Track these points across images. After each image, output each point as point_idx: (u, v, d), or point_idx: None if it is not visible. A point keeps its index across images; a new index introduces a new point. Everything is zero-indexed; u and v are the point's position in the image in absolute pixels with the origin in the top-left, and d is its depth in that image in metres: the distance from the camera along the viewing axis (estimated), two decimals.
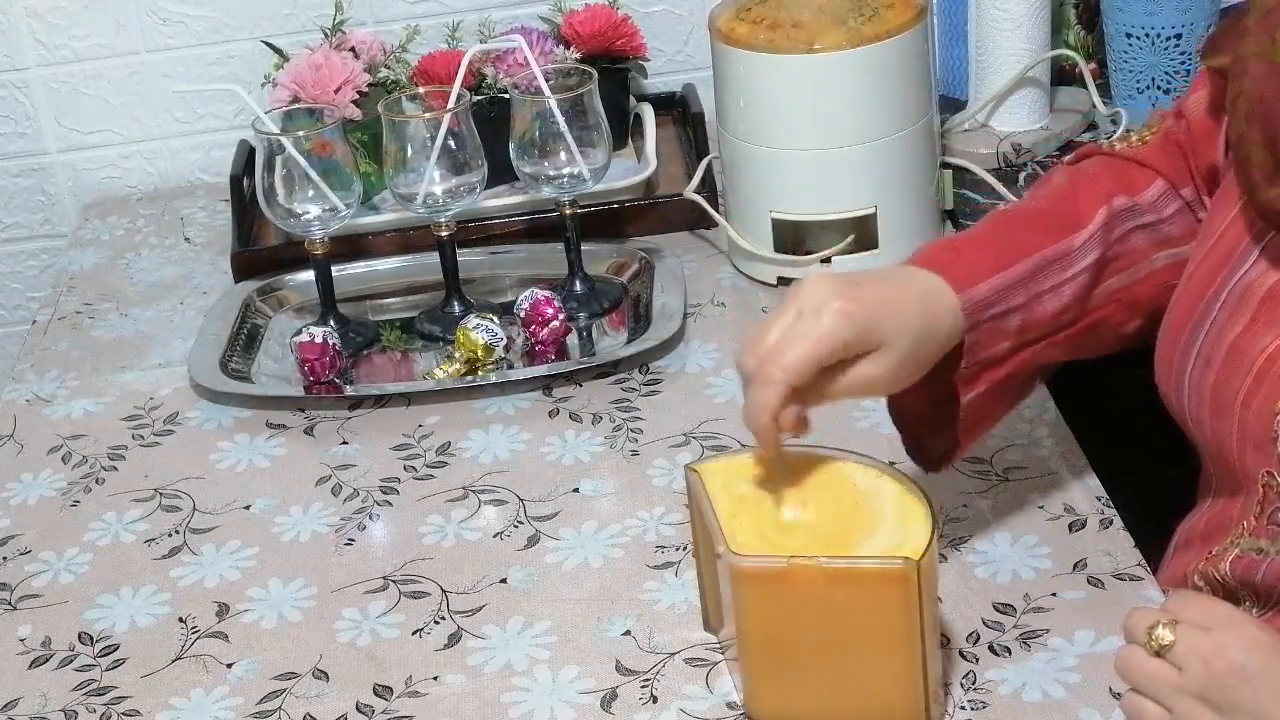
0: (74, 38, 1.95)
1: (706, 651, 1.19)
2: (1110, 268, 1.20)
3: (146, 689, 1.22)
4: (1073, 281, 1.18)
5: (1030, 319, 1.17)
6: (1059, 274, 1.17)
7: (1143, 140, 1.27)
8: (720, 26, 1.58)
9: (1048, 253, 1.18)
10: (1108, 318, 1.21)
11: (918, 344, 1.11)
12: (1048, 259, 1.17)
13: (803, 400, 1.09)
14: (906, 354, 1.10)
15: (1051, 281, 1.17)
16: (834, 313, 1.08)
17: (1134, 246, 1.21)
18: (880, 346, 1.09)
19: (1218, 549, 1.14)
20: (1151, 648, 0.95)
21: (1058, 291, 1.17)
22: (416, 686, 1.19)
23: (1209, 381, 1.11)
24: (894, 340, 1.09)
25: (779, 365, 1.07)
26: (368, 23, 1.95)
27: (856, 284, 1.10)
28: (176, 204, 1.98)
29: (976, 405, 1.18)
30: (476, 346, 1.53)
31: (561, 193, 1.59)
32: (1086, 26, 1.90)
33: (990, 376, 1.17)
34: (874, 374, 1.10)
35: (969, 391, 1.16)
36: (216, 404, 1.55)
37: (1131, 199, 1.22)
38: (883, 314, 1.09)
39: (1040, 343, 1.18)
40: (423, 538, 1.35)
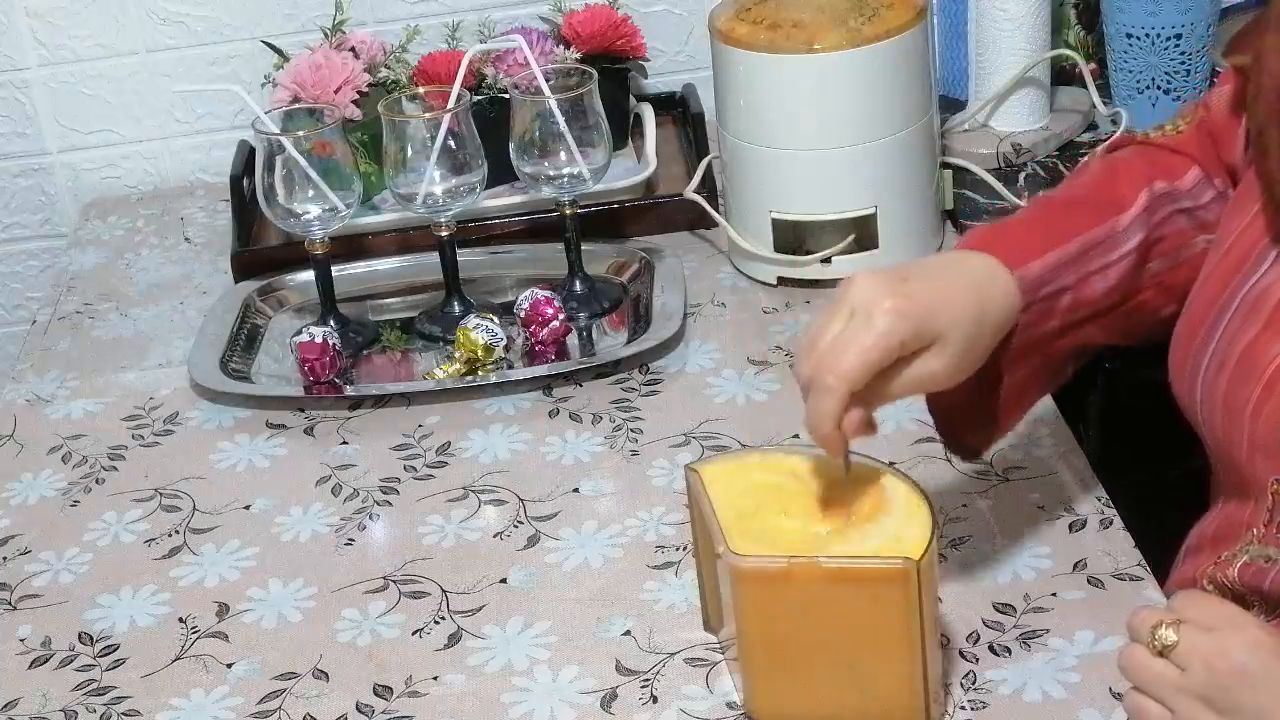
0: (74, 38, 1.95)
1: (706, 651, 1.19)
2: (1154, 250, 1.19)
3: (146, 689, 1.22)
4: (1119, 263, 1.17)
5: (1080, 299, 1.15)
6: (1106, 254, 1.16)
7: (1176, 130, 1.25)
8: (720, 26, 1.58)
9: (1096, 233, 1.16)
10: (1148, 301, 1.20)
11: (973, 332, 1.09)
12: (1095, 239, 1.16)
13: (864, 403, 1.07)
14: (964, 344, 1.08)
15: (1100, 262, 1.16)
16: (886, 312, 1.05)
17: (1178, 229, 1.20)
18: (936, 341, 1.07)
19: (1227, 554, 1.14)
20: (1155, 647, 0.95)
21: (1105, 273, 1.16)
22: (416, 686, 1.19)
23: (1220, 387, 1.10)
24: (950, 332, 1.07)
25: (835, 372, 1.05)
26: (368, 23, 1.95)
27: (905, 279, 1.08)
28: (176, 204, 1.98)
29: (1017, 387, 1.16)
30: (476, 346, 1.53)
31: (561, 193, 1.59)
32: (1086, 26, 1.90)
33: (1034, 358, 1.15)
34: (934, 369, 1.08)
35: (1014, 372, 1.14)
36: (216, 404, 1.55)
37: (1170, 184, 1.21)
38: (936, 308, 1.07)
39: (1087, 324, 1.17)
40: (423, 538, 1.35)
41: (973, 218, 1.69)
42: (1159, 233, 1.19)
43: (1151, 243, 1.18)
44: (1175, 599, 0.99)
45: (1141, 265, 1.18)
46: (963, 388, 1.15)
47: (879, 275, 1.09)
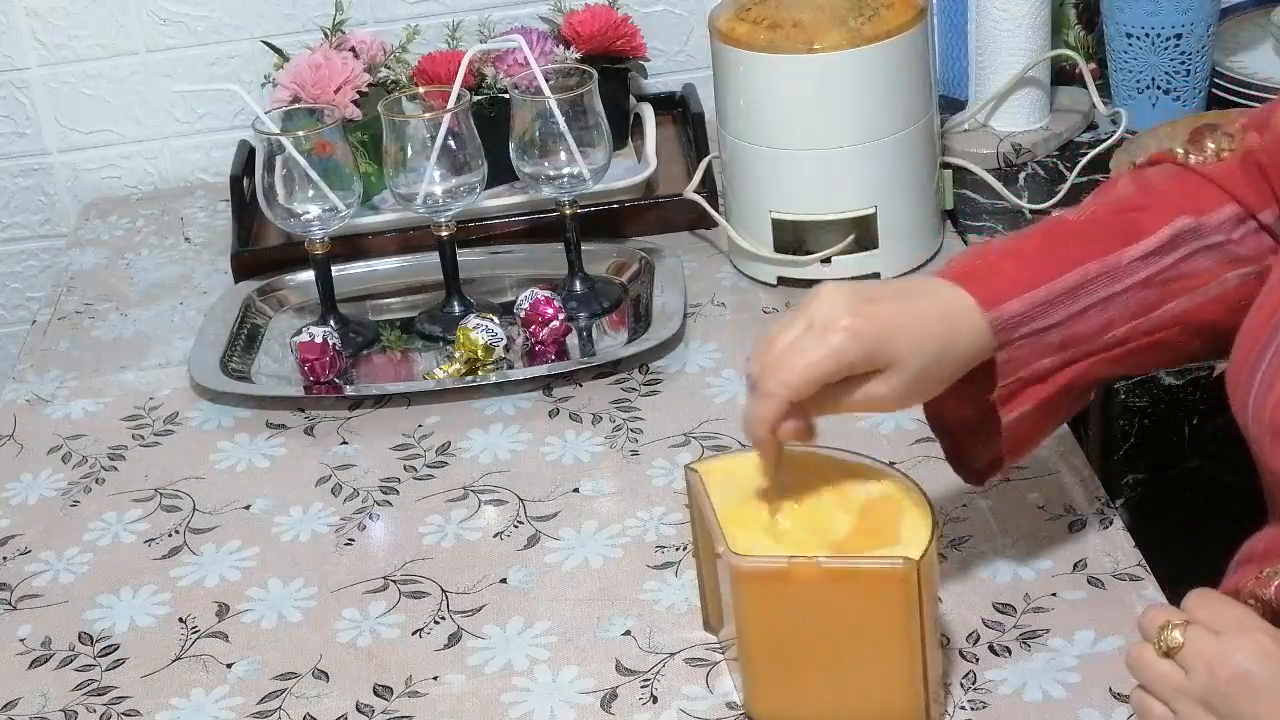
0: (74, 38, 1.95)
1: (706, 651, 1.19)
2: (1172, 288, 1.15)
3: (146, 689, 1.22)
4: (1121, 297, 1.14)
5: (1073, 335, 1.13)
6: (1105, 288, 1.13)
7: (1219, 156, 1.20)
8: (720, 26, 1.58)
9: (1092, 266, 1.13)
10: (1170, 339, 1.16)
11: (931, 364, 1.09)
12: (1093, 273, 1.13)
13: (807, 412, 1.08)
14: (917, 374, 1.08)
15: (1097, 295, 1.13)
16: (842, 330, 1.06)
17: (1201, 267, 1.15)
18: (889, 366, 1.07)
19: (1268, 571, 1.13)
20: (1161, 648, 0.95)
21: (1103, 305, 1.13)
22: (416, 686, 1.19)
23: (1268, 406, 1.08)
24: (905, 360, 1.07)
25: (780, 379, 1.06)
26: (368, 23, 1.95)
27: (871, 300, 1.08)
28: (176, 204, 1.98)
29: (1025, 422, 1.14)
30: (476, 346, 1.53)
31: (561, 193, 1.59)
32: (1086, 26, 1.90)
33: (1036, 394, 1.13)
34: (880, 393, 1.08)
35: (1012, 410, 1.13)
36: (216, 404, 1.55)
37: (1197, 219, 1.16)
38: (894, 334, 1.07)
39: (1088, 359, 1.14)
40: (423, 538, 1.35)
41: (973, 218, 1.69)
42: (1177, 270, 1.15)
43: (1166, 280, 1.15)
44: (1187, 599, 0.98)
45: (1159, 303, 1.15)
46: (966, 414, 1.16)
47: (846, 290, 1.09)
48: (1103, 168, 1.70)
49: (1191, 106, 1.81)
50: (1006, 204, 1.70)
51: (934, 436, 1.22)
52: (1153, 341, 1.15)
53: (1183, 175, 1.20)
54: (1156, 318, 1.15)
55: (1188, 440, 1.53)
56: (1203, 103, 1.81)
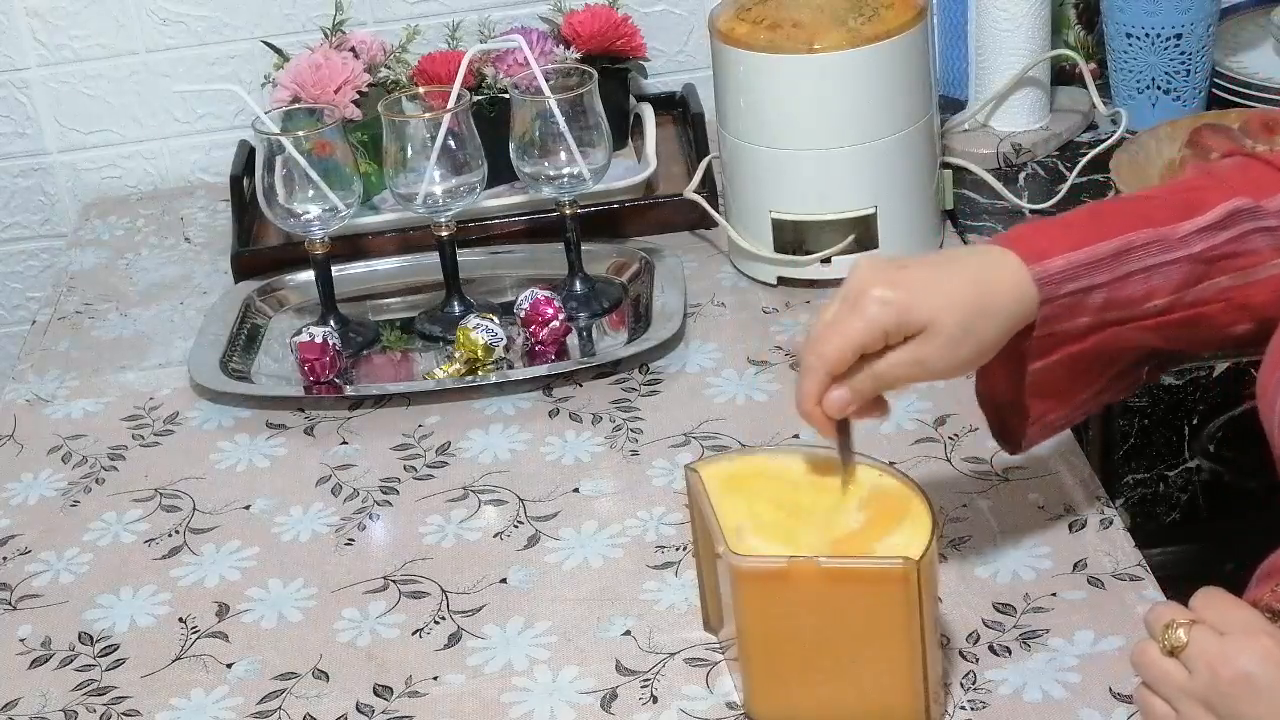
0: (74, 38, 1.95)
1: (706, 651, 1.19)
2: (1221, 265, 1.15)
3: (146, 689, 1.22)
4: (1168, 267, 1.13)
5: (1114, 298, 1.13)
6: (1152, 257, 1.13)
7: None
8: (720, 26, 1.58)
9: (1142, 234, 1.13)
10: (1214, 315, 1.16)
11: (971, 321, 1.09)
12: (1141, 240, 1.13)
13: (858, 387, 1.09)
14: (958, 332, 1.08)
15: (1143, 263, 1.13)
16: (872, 300, 1.07)
17: (1252, 247, 1.16)
18: (927, 328, 1.08)
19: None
20: (1166, 646, 0.95)
21: (1148, 274, 1.13)
22: (416, 686, 1.19)
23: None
24: (940, 320, 1.08)
25: (816, 352, 1.08)
26: (368, 23, 1.95)
27: (902, 266, 1.10)
28: (176, 204, 1.98)
29: (1050, 378, 1.14)
30: (476, 346, 1.53)
31: (561, 193, 1.59)
32: (1086, 26, 1.90)
33: (1066, 350, 1.13)
34: (923, 356, 1.08)
35: (1039, 361, 1.13)
36: (216, 404, 1.55)
37: (1256, 201, 1.16)
38: (924, 296, 1.08)
39: (1126, 324, 1.14)
40: (423, 538, 1.35)
41: (973, 218, 1.69)
42: (1230, 248, 1.15)
43: (1218, 257, 1.15)
44: (1195, 598, 0.98)
45: (1202, 278, 1.14)
46: (1004, 381, 1.16)
47: (878, 261, 1.10)
48: (1103, 168, 1.70)
49: (1191, 106, 1.81)
50: (1006, 204, 1.70)
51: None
52: (1195, 315, 1.15)
53: (1248, 163, 1.21)
54: (1200, 290, 1.14)
55: (1188, 440, 1.53)
56: (1203, 103, 1.82)
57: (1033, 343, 1.12)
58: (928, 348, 1.08)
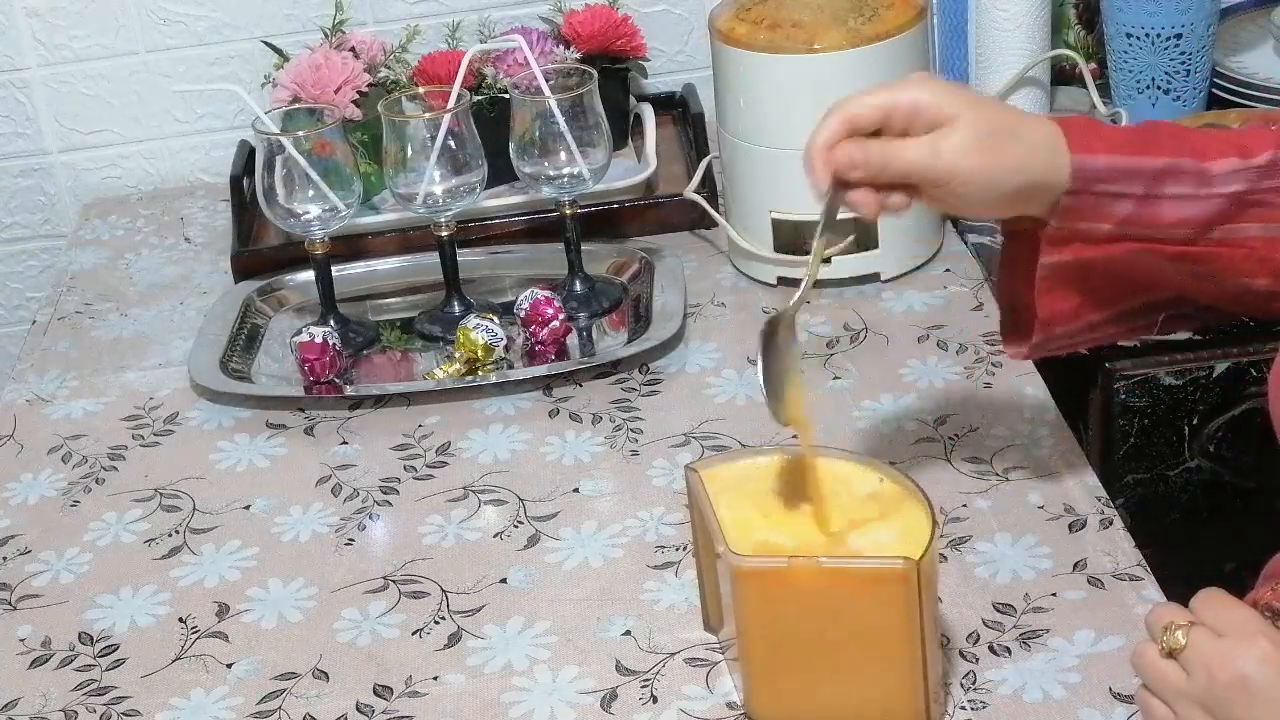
0: (74, 38, 1.95)
1: (706, 651, 1.19)
2: (1253, 211, 1.13)
3: (146, 689, 1.22)
4: (1202, 200, 1.12)
5: (1141, 214, 1.12)
6: (1191, 186, 1.12)
7: None
8: (720, 26, 1.58)
9: (1188, 162, 1.13)
10: (1235, 260, 1.14)
11: (999, 134, 1.09)
12: (1185, 168, 1.12)
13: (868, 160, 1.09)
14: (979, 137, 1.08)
15: (1179, 189, 1.12)
16: (910, 80, 1.10)
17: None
18: (952, 120, 1.08)
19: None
20: (1164, 648, 0.95)
21: (1181, 201, 1.12)
22: (416, 686, 1.19)
23: None
24: (967, 117, 1.08)
25: (843, 104, 1.09)
26: (368, 23, 1.95)
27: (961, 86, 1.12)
28: (176, 204, 1.98)
29: (1062, 277, 1.14)
30: (476, 346, 1.53)
31: (561, 193, 1.59)
32: (1086, 26, 1.90)
33: (1081, 250, 1.13)
34: (940, 145, 1.08)
35: (1053, 254, 1.13)
36: (216, 404, 1.55)
37: None
38: (961, 96, 1.09)
39: (1146, 242, 1.13)
40: (423, 538, 1.35)
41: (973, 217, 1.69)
42: (1265, 197, 1.13)
43: (1252, 201, 1.13)
44: (1195, 599, 0.98)
45: (1233, 219, 1.13)
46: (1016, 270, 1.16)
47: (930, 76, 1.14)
48: None
49: (1191, 106, 1.81)
50: None
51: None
52: (1216, 253, 1.14)
53: None
54: (1228, 230, 1.13)
55: (1188, 440, 1.53)
56: (1203, 103, 1.82)
57: (1048, 233, 1.12)
58: (947, 141, 1.08)
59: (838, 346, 1.53)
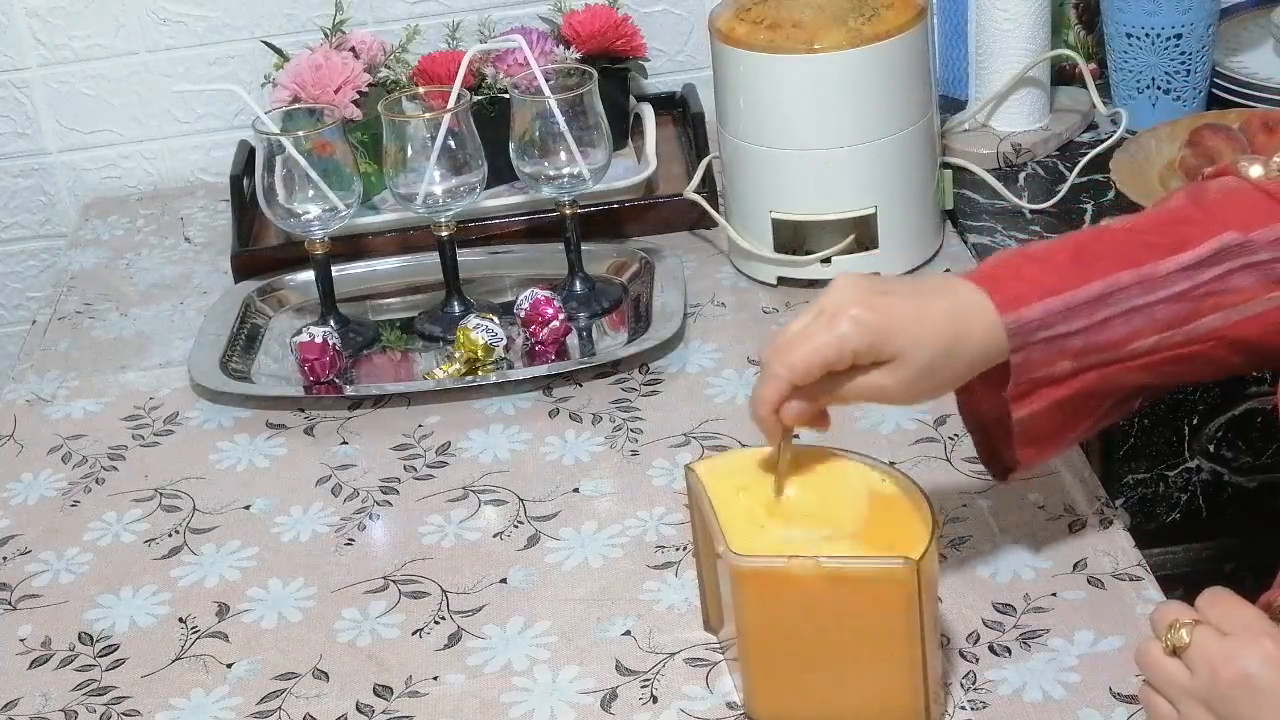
0: (74, 38, 1.95)
1: (706, 651, 1.19)
2: (1209, 303, 1.12)
3: (146, 689, 1.22)
4: (1152, 308, 1.12)
5: (1094, 342, 1.11)
6: (1134, 299, 1.12)
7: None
8: (720, 26, 1.58)
9: (1124, 276, 1.12)
10: (1205, 354, 1.13)
11: (939, 360, 1.08)
12: (1122, 284, 1.12)
13: (815, 399, 1.09)
14: (923, 370, 1.08)
15: (1125, 305, 1.11)
16: (849, 319, 1.07)
17: (1240, 285, 1.12)
18: (895, 359, 1.08)
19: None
20: (1168, 646, 0.95)
21: (1129, 316, 1.11)
22: (416, 686, 1.19)
23: None
24: (910, 354, 1.07)
25: (784, 361, 1.08)
26: (368, 23, 1.95)
27: (883, 292, 1.09)
28: (176, 204, 1.98)
29: (1039, 421, 1.14)
30: (476, 346, 1.53)
31: (561, 193, 1.59)
32: (1086, 26, 1.90)
33: (1049, 395, 1.12)
34: (885, 384, 1.08)
35: (1023, 408, 1.13)
36: (216, 404, 1.55)
37: (1246, 235, 1.13)
38: (902, 326, 1.08)
39: (1109, 366, 1.12)
40: (423, 538, 1.35)
41: (973, 218, 1.69)
42: (1216, 286, 1.12)
43: (1203, 295, 1.12)
44: (1200, 598, 0.98)
45: (1193, 317, 1.12)
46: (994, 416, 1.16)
47: (859, 281, 1.10)
48: (1103, 168, 1.70)
49: (1191, 106, 1.81)
50: (1006, 204, 1.70)
51: (964, 430, 1.22)
52: (1185, 354, 1.13)
53: (1241, 189, 1.17)
54: (1189, 330, 1.12)
55: (1188, 440, 1.53)
56: (1203, 103, 1.82)
57: (1011, 389, 1.11)
58: (891, 378, 1.08)
59: None
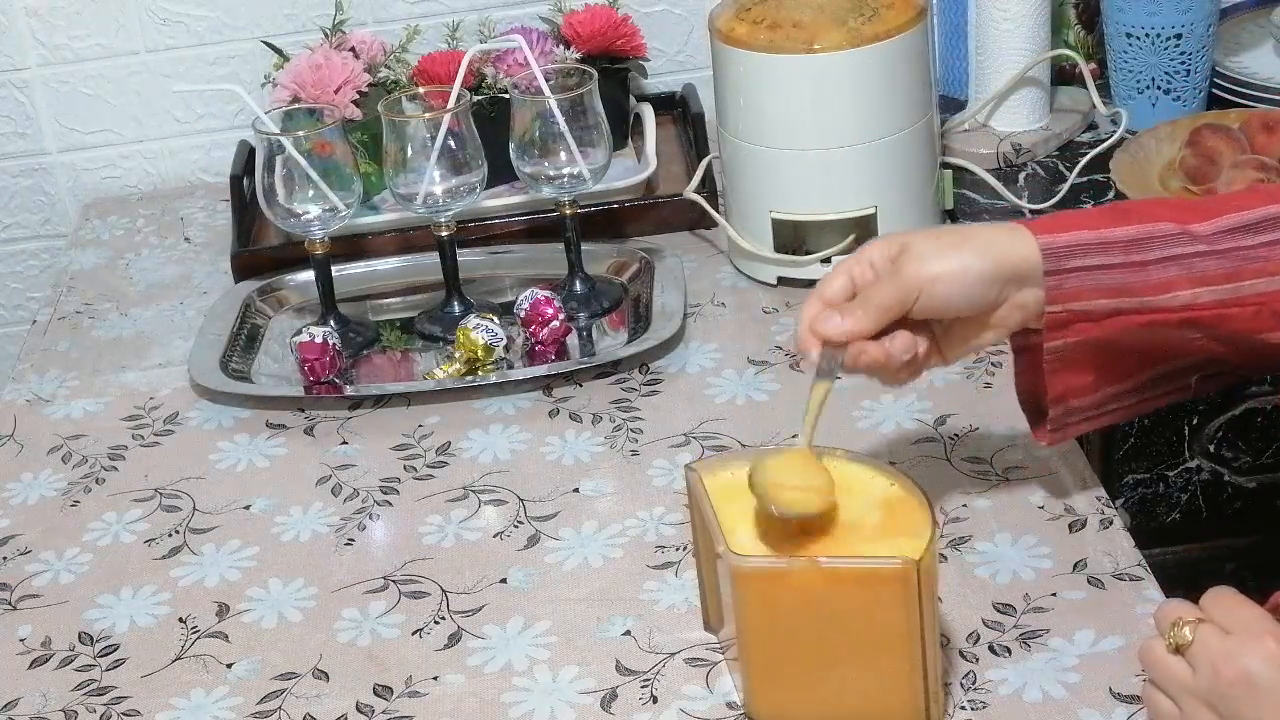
0: (74, 38, 1.95)
1: (706, 651, 1.19)
2: (1256, 267, 1.12)
3: (146, 689, 1.22)
4: (1191, 259, 1.11)
5: (1130, 283, 1.11)
6: (1172, 247, 1.11)
7: None
8: (720, 26, 1.58)
9: (1164, 225, 1.12)
10: (1245, 319, 1.12)
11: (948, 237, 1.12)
12: (1161, 231, 1.12)
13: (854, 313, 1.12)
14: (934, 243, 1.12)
15: (1163, 252, 1.11)
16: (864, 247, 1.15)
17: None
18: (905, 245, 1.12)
19: None
20: (1171, 644, 0.95)
21: (1166, 264, 1.11)
22: (416, 686, 1.19)
23: None
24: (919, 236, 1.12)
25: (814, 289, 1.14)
26: (368, 23, 1.95)
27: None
28: (176, 204, 1.98)
29: (1071, 357, 1.14)
30: (476, 346, 1.53)
31: (561, 193, 1.59)
32: (1086, 26, 1.90)
33: (1085, 330, 1.13)
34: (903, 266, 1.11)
35: (1056, 338, 1.13)
36: (216, 404, 1.55)
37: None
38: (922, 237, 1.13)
39: (1147, 314, 1.12)
40: (423, 538, 1.35)
41: (973, 218, 1.69)
42: (1265, 253, 1.12)
43: (1249, 258, 1.12)
44: (1205, 597, 0.99)
45: (1236, 277, 1.12)
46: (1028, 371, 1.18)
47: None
48: (1103, 168, 1.70)
49: (1191, 106, 1.81)
50: (1006, 204, 1.70)
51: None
52: (1224, 315, 1.12)
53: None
54: (1231, 289, 1.12)
55: (1188, 440, 1.53)
56: (1203, 103, 1.82)
57: (1048, 318, 1.12)
58: (906, 258, 1.12)
59: None
